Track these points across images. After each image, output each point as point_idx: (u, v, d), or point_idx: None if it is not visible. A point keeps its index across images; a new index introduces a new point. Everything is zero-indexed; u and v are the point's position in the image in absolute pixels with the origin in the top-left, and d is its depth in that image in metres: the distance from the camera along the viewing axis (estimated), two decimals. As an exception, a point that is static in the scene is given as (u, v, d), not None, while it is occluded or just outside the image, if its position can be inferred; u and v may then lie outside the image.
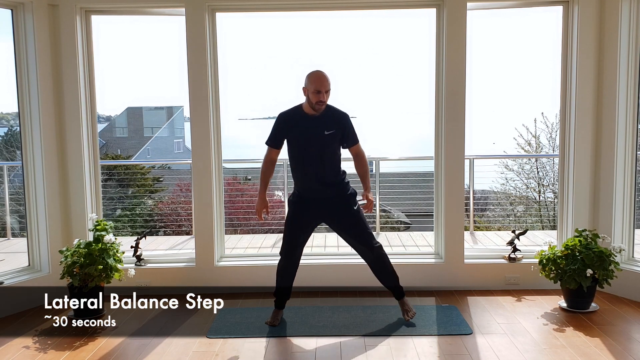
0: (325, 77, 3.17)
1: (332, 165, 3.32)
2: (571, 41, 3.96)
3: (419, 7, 4.12)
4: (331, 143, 3.27)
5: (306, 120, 3.26)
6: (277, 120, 3.35)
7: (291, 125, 3.29)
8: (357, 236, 3.37)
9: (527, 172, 10.42)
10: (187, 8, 3.92)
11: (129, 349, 3.15)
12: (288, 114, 3.33)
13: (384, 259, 3.43)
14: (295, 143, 3.31)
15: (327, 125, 3.24)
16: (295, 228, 3.39)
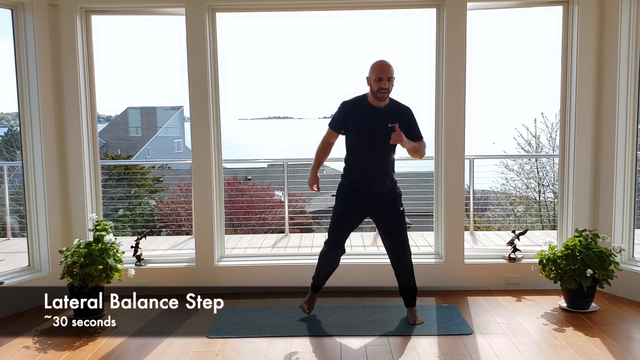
0: (387, 65, 3.15)
1: (389, 160, 3.28)
2: (571, 41, 3.96)
3: (419, 7, 4.12)
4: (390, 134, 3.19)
5: (370, 111, 3.22)
6: (341, 107, 3.31)
7: (354, 114, 3.25)
8: (396, 240, 3.36)
9: (527, 172, 10.42)
10: (187, 8, 3.92)
11: (129, 349, 3.15)
12: (352, 102, 3.30)
13: (409, 269, 3.42)
14: (356, 132, 3.27)
15: (391, 118, 3.19)
16: (343, 219, 3.36)
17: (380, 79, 3.12)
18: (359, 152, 3.29)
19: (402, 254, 3.39)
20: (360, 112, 3.24)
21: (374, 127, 3.20)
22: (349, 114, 3.27)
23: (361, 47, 43.91)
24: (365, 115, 3.23)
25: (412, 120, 3.29)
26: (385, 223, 3.37)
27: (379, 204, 3.33)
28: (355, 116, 3.25)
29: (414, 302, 3.47)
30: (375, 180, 3.28)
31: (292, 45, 54.86)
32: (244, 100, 51.06)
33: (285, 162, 6.01)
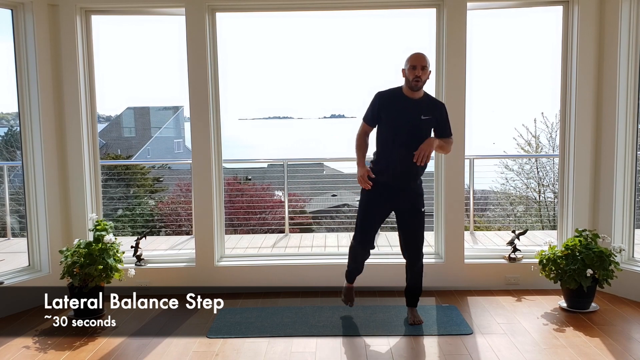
0: (422, 55, 3.16)
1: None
2: (571, 41, 3.96)
3: (419, 7, 4.12)
4: (425, 130, 3.21)
5: (404, 101, 3.20)
6: (375, 98, 3.28)
7: (388, 104, 3.23)
8: (411, 241, 3.34)
9: (527, 172, 10.42)
10: (187, 8, 3.92)
11: (129, 349, 3.15)
12: (387, 92, 3.28)
13: (420, 271, 3.41)
14: (389, 123, 3.23)
15: (424, 111, 3.19)
16: (371, 214, 3.33)
17: (415, 67, 3.12)
18: (392, 143, 3.22)
19: (416, 256, 3.36)
20: (394, 103, 3.22)
21: (407, 118, 3.18)
22: (383, 104, 3.24)
23: (361, 47, 43.93)
24: (399, 106, 3.20)
25: (444, 116, 3.27)
26: (407, 224, 3.33)
27: (403, 200, 3.29)
28: (389, 106, 3.22)
29: (416, 303, 3.47)
30: (403, 175, 3.23)
31: (292, 45, 54.86)
32: (244, 100, 51.04)
33: (285, 162, 6.00)
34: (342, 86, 70.23)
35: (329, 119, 41.86)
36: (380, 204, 3.31)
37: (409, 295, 3.48)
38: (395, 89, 3.27)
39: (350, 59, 52.06)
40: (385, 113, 3.23)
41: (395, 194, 3.27)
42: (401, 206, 3.31)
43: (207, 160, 4.06)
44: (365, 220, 3.34)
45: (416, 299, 3.47)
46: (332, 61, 50.48)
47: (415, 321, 3.42)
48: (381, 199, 3.29)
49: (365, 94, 3.37)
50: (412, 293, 3.47)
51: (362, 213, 3.35)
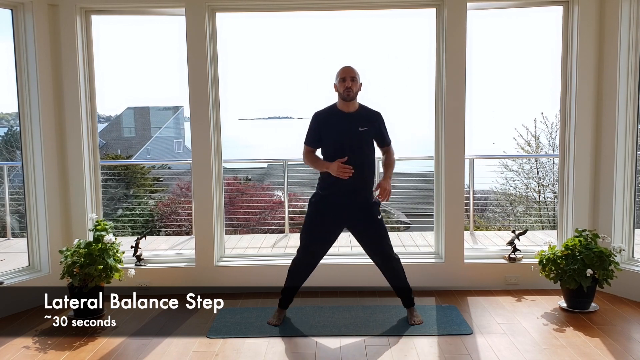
0: (350, 67, 3.26)
1: (365, 166, 3.26)
2: (571, 41, 3.96)
3: (419, 7, 4.12)
4: (365, 140, 3.25)
5: (340, 116, 3.27)
6: (312, 119, 3.35)
7: (326, 122, 3.29)
8: (376, 247, 3.36)
9: (526, 172, 10.42)
10: (187, 8, 3.92)
11: (129, 349, 3.15)
12: (323, 111, 3.34)
13: (400, 272, 3.42)
14: (330, 141, 3.29)
15: (362, 122, 3.25)
16: (316, 230, 3.34)
17: (344, 79, 3.21)
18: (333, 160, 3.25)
19: (389, 261, 3.37)
20: (331, 120, 3.28)
21: (346, 132, 3.24)
22: (320, 124, 3.31)
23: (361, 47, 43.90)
24: (336, 122, 3.27)
25: (382, 123, 3.35)
26: (365, 235, 3.36)
27: (356, 216, 3.30)
28: (327, 124, 3.29)
29: (412, 302, 3.47)
30: (351, 189, 3.25)
31: (292, 45, 54.86)
32: (244, 100, 51.02)
33: (285, 162, 6.01)
34: (342, 86, 69.71)
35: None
36: (327, 221, 3.32)
37: (401, 296, 3.48)
38: (331, 106, 3.34)
39: (350, 59, 51.90)
40: (324, 131, 3.29)
41: (345, 209, 3.29)
42: (353, 220, 3.33)
43: (207, 160, 4.06)
44: (310, 235, 3.36)
45: (410, 298, 3.47)
46: (332, 61, 50.43)
47: (415, 321, 3.42)
48: (329, 216, 3.31)
49: (365, 94, 3.38)
50: (403, 293, 3.46)
51: (307, 227, 3.37)
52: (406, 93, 59.47)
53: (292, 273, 3.46)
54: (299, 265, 3.43)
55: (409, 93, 58.12)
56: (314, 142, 3.34)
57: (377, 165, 3.48)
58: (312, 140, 3.34)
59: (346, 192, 3.26)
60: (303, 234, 3.40)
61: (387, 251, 3.35)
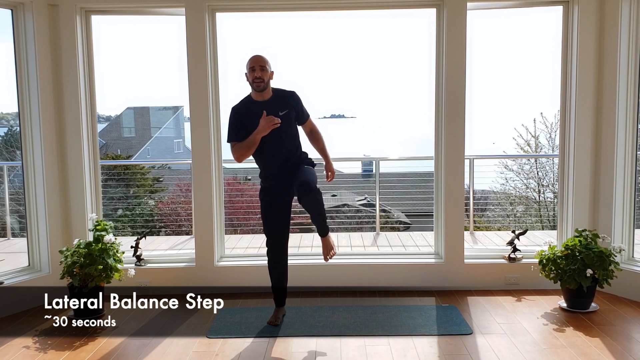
0: (259, 56, 3.20)
1: (292, 147, 3.30)
2: (571, 41, 3.96)
3: (419, 7, 4.12)
4: (287, 124, 3.23)
5: (257, 106, 3.21)
6: (232, 114, 3.28)
7: (245, 114, 3.25)
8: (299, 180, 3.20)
9: (526, 172, 10.43)
10: (187, 8, 3.92)
11: (129, 349, 3.15)
12: (239, 105, 3.31)
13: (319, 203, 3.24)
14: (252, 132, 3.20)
15: (280, 107, 3.22)
16: (271, 217, 3.37)
17: (253, 68, 3.16)
18: (265, 152, 3.25)
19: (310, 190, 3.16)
20: (249, 112, 3.24)
21: None
22: (240, 117, 3.27)
23: (361, 47, 43.82)
24: (254, 112, 3.21)
25: (299, 102, 3.32)
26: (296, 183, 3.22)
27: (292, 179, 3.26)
28: (246, 116, 3.25)
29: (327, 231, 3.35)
30: (287, 171, 3.28)
31: (292, 45, 54.80)
32: (244, 100, 50.66)
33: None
34: (342, 86, 70.14)
35: (328, 119, 41.87)
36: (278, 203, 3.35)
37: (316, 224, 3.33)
38: (246, 98, 3.31)
39: (350, 59, 52.02)
40: (247, 125, 3.23)
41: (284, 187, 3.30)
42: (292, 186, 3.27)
43: (207, 160, 4.06)
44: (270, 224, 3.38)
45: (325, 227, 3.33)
46: (332, 61, 50.46)
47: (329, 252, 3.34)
48: (278, 198, 3.34)
49: (365, 94, 3.38)
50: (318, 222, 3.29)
51: (264, 218, 3.39)
52: (406, 93, 59.35)
53: (272, 270, 3.46)
54: (273, 258, 3.44)
55: (409, 93, 57.98)
56: (237, 136, 3.24)
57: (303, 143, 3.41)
58: (235, 136, 3.24)
59: (280, 175, 3.28)
60: (265, 226, 3.41)
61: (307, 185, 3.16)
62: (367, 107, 36.69)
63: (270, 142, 3.22)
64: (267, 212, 3.39)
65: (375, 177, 5.85)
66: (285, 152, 3.27)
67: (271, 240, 3.42)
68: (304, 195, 3.22)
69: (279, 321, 3.45)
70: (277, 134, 3.19)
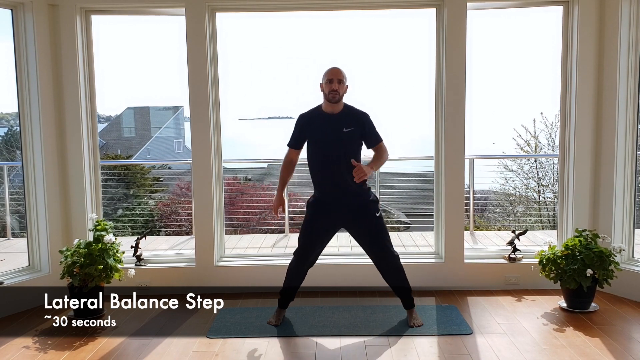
0: (338, 69, 3.23)
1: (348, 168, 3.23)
2: (571, 41, 3.96)
3: (419, 7, 4.12)
4: (351, 142, 3.22)
5: (324, 118, 3.25)
6: (297, 121, 3.36)
7: (310, 123, 3.29)
8: (372, 245, 3.33)
9: (526, 173, 10.43)
10: (187, 8, 3.92)
11: (129, 349, 3.15)
12: (307, 113, 3.34)
13: (395, 270, 3.37)
14: (314, 143, 3.29)
15: (346, 123, 3.22)
16: (312, 231, 3.35)
17: (331, 80, 3.18)
18: (320, 164, 3.27)
19: (385, 259, 3.34)
20: (316, 122, 3.28)
21: (330, 133, 3.22)
22: (304, 127, 3.31)
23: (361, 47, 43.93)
24: (320, 125, 3.25)
25: (368, 124, 3.29)
26: (362, 233, 3.34)
27: (352, 215, 3.29)
28: (311, 127, 3.28)
29: (412, 303, 3.44)
30: (342, 190, 3.25)
31: (292, 45, 54.82)
32: (244, 100, 51.00)
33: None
34: (342, 86, 69.73)
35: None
36: (323, 222, 3.33)
37: (401, 297, 3.44)
38: (315, 108, 3.33)
39: (350, 59, 51.93)
40: (308, 133, 3.29)
41: (341, 212, 3.29)
42: (348, 220, 3.32)
43: (207, 160, 4.06)
44: (308, 238, 3.36)
45: (410, 299, 3.43)
46: (332, 61, 50.36)
47: (415, 324, 3.39)
48: (326, 217, 3.32)
49: (365, 94, 3.38)
50: (402, 293, 3.42)
51: (304, 230, 3.38)
52: (406, 93, 59.43)
53: (289, 274, 3.46)
54: (297, 266, 3.43)
55: (409, 93, 58.09)
56: (297, 143, 3.35)
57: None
58: (294, 142, 3.36)
59: (335, 194, 3.27)
60: (301, 234, 3.40)
61: (383, 248, 3.31)
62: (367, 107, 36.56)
63: (330, 157, 3.22)
64: (307, 224, 3.36)
65: (376, 177, 5.85)
66: (341, 172, 3.22)
67: (301, 251, 3.39)
68: (382, 263, 3.35)
69: (279, 322, 3.45)
70: (338, 150, 3.20)
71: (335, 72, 3.22)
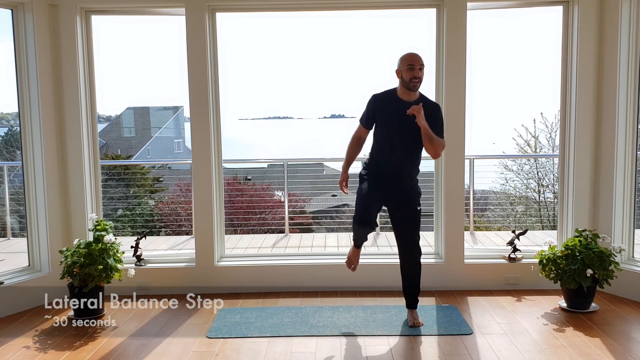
0: (418, 55, 3.13)
1: (411, 155, 3.22)
2: (571, 41, 3.96)
3: (419, 7, 4.12)
4: (417, 130, 3.12)
5: (398, 103, 3.17)
6: (370, 100, 3.28)
7: (383, 106, 3.22)
8: (405, 236, 3.33)
9: (526, 173, 10.43)
10: (187, 8, 3.92)
11: (129, 349, 3.15)
12: (382, 95, 3.27)
13: (411, 270, 3.38)
14: (384, 125, 3.23)
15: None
16: (369, 195, 3.24)
17: (412, 66, 3.09)
18: (384, 146, 3.24)
19: (411, 251, 3.34)
20: (389, 105, 3.20)
21: (401, 120, 3.14)
22: (377, 107, 3.24)
23: (361, 47, 43.87)
24: (392, 108, 3.18)
25: (438, 117, 3.21)
26: (399, 219, 3.33)
27: (398, 197, 3.29)
28: (383, 108, 3.22)
29: (415, 304, 3.45)
30: (398, 175, 3.24)
31: (292, 45, 54.86)
32: (244, 100, 51.03)
33: (285, 162, 6.01)
34: (341, 86, 70.20)
35: (328, 119, 41.85)
36: (376, 189, 3.27)
37: (407, 295, 3.46)
38: (390, 90, 3.26)
39: (350, 59, 52.03)
40: (379, 115, 3.23)
41: (388, 188, 3.27)
42: (394, 202, 3.31)
43: (207, 160, 4.06)
44: (367, 201, 3.27)
45: (415, 300, 3.45)
46: (332, 61, 50.46)
47: (415, 323, 3.40)
48: (379, 186, 3.27)
49: (365, 94, 3.37)
50: (411, 294, 3.44)
51: (361, 194, 3.30)
52: (406, 93, 59.06)
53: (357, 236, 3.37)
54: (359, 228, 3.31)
55: (409, 93, 57.56)
56: (368, 122, 3.29)
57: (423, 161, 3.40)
58: (366, 120, 3.29)
59: (391, 177, 3.25)
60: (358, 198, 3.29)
61: (414, 239, 3.32)
62: (366, 107, 36.69)
63: (395, 141, 3.19)
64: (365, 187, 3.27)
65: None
66: (404, 158, 3.21)
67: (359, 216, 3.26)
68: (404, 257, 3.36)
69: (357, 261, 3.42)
70: (403, 132, 3.16)
71: (417, 58, 3.10)
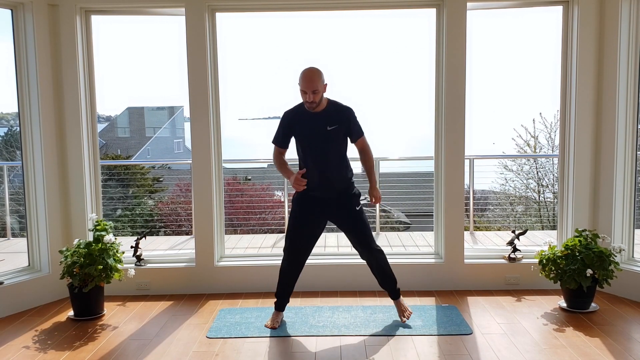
0: (310, 78, 3.11)
1: (337, 162, 3.29)
2: (571, 41, 3.96)
3: (419, 7, 4.12)
4: (334, 139, 3.24)
5: (309, 116, 3.24)
6: (282, 118, 3.35)
7: (295, 121, 3.29)
8: (357, 237, 3.36)
9: (526, 173, 10.43)
10: (187, 8, 3.92)
11: (129, 349, 3.15)
12: (291, 111, 3.33)
13: (382, 263, 3.41)
14: (299, 140, 3.30)
15: (330, 121, 3.22)
16: (298, 226, 3.35)
17: (305, 92, 3.14)
18: (305, 158, 3.29)
19: (371, 251, 3.36)
20: (300, 120, 3.27)
21: (314, 130, 3.22)
22: (289, 124, 3.31)
23: (361, 47, 43.91)
24: (305, 122, 3.25)
25: (352, 120, 3.29)
26: (345, 224, 3.36)
27: (336, 207, 3.32)
28: (296, 124, 3.28)
29: (398, 293, 3.46)
30: (328, 185, 3.27)
31: (292, 45, 54.84)
32: (244, 100, 50.99)
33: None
34: (341, 86, 69.97)
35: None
36: (309, 216, 3.32)
37: (388, 289, 3.46)
38: (300, 105, 3.31)
39: (350, 59, 52.00)
40: (294, 131, 3.29)
41: (324, 204, 3.30)
42: (333, 214, 3.35)
43: (207, 160, 4.06)
44: (295, 232, 3.35)
45: (396, 290, 3.45)
46: (332, 61, 50.43)
47: (406, 315, 3.42)
48: (311, 211, 3.32)
49: (365, 94, 3.38)
50: (390, 284, 3.44)
51: (291, 224, 3.37)
52: (406, 93, 59.36)
53: (282, 275, 3.43)
54: (289, 265, 3.40)
55: (409, 93, 57.99)
56: (283, 140, 3.35)
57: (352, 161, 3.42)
58: (280, 139, 3.35)
59: (321, 188, 3.28)
60: (288, 233, 3.38)
61: (367, 243, 3.35)
62: (366, 107, 36.72)
63: (315, 154, 3.24)
64: (296, 219, 3.35)
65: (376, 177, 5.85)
66: (326, 167, 3.25)
67: (291, 249, 3.37)
68: (366, 255, 3.40)
69: (277, 325, 3.42)
70: (323, 147, 3.23)
71: (308, 85, 3.10)
